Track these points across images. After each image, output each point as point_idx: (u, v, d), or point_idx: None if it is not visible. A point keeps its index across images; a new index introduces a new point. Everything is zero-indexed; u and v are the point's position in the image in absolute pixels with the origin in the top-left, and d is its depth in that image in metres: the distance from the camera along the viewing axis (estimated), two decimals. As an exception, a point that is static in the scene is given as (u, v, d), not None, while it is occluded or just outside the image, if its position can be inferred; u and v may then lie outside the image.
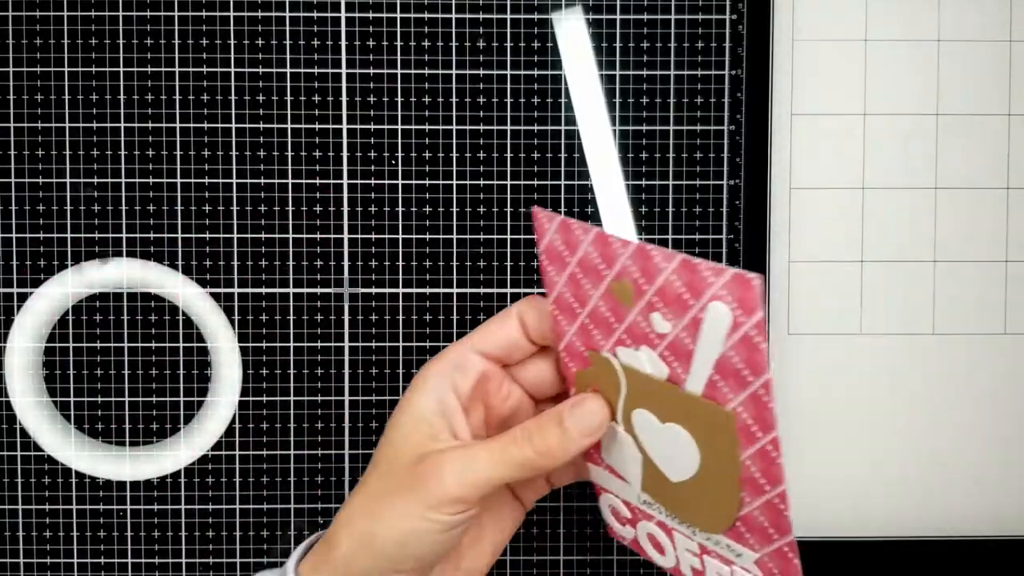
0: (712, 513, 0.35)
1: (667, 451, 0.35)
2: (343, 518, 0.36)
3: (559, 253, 0.35)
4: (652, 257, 0.32)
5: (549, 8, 0.47)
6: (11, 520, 0.48)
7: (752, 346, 0.30)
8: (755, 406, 0.31)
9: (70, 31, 0.47)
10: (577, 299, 0.35)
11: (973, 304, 0.48)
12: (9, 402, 0.47)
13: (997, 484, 0.48)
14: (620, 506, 0.39)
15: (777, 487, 0.32)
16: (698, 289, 0.31)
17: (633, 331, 0.34)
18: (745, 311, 0.30)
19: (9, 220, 0.47)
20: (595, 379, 0.36)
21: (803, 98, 0.47)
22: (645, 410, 0.35)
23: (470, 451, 0.35)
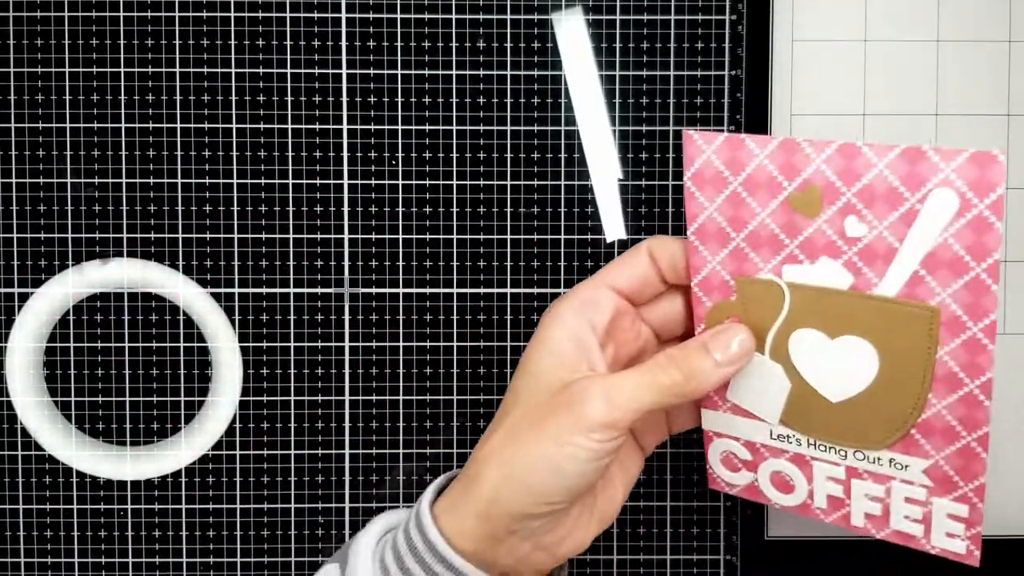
0: (882, 426, 0.34)
1: (835, 369, 0.34)
2: (483, 455, 0.35)
3: (717, 175, 0.34)
4: (860, 154, 0.31)
5: (549, 8, 0.47)
6: (11, 520, 0.48)
7: (985, 227, 0.30)
8: (971, 292, 0.31)
9: (70, 31, 0.47)
10: (733, 223, 0.35)
11: (973, 304, 0.47)
12: (9, 402, 0.48)
13: (999, 483, 0.48)
14: (739, 449, 0.38)
15: (983, 376, 0.32)
16: (921, 178, 0.31)
17: (813, 243, 0.33)
18: (979, 193, 0.30)
19: (9, 220, 0.47)
20: (737, 309, 0.36)
21: (803, 98, 0.47)
22: (811, 329, 0.34)
23: (616, 377, 0.34)
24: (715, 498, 0.48)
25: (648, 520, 0.48)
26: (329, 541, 0.48)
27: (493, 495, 0.34)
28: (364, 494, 0.48)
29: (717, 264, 0.36)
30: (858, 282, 0.33)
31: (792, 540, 0.48)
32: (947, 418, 0.33)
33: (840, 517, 0.37)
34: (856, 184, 0.32)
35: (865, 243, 0.32)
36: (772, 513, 0.48)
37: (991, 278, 0.31)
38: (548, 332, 0.36)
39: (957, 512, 0.35)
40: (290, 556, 0.48)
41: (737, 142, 0.34)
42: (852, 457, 0.36)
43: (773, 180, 0.34)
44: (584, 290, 0.37)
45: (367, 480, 0.48)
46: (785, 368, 0.35)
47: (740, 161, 0.34)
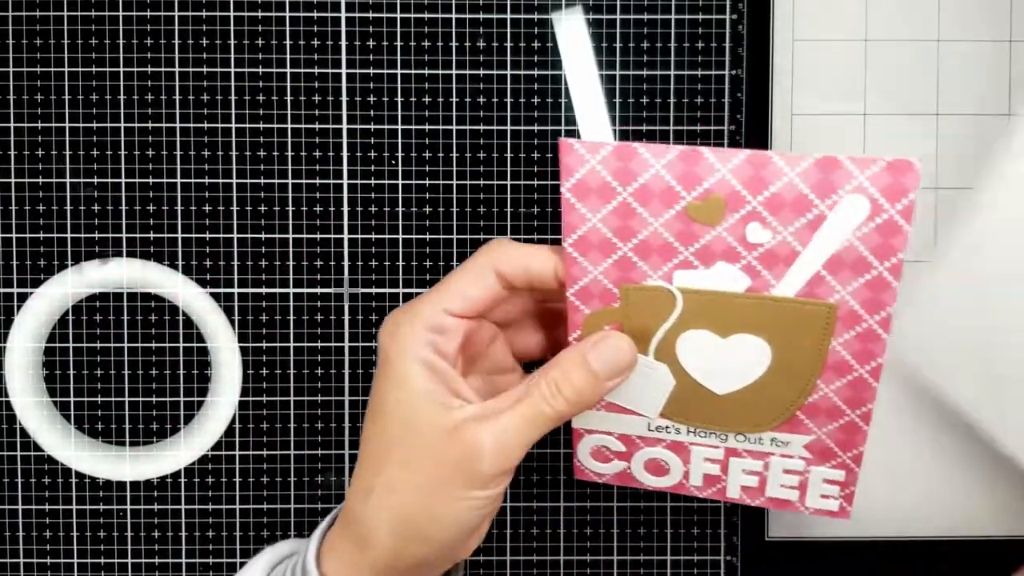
0: (769, 411, 0.36)
1: (725, 364, 0.35)
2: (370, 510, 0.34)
3: (603, 185, 0.33)
4: (771, 163, 0.32)
5: (549, 8, 0.47)
6: (11, 520, 0.48)
7: (894, 230, 0.31)
8: (872, 289, 0.33)
9: (70, 31, 0.47)
10: (621, 233, 0.34)
11: (973, 304, 0.48)
12: (9, 402, 0.47)
13: (999, 484, 0.48)
14: (613, 443, 0.39)
15: (873, 362, 0.34)
16: (833, 186, 0.32)
17: (710, 250, 0.34)
18: (891, 198, 0.31)
19: (9, 220, 0.47)
20: (618, 316, 0.35)
21: (803, 98, 0.47)
22: (700, 330, 0.35)
23: (501, 421, 0.33)
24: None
25: (648, 520, 0.48)
26: (329, 541, 0.48)
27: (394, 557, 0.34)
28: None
29: (599, 274, 0.35)
30: (756, 284, 0.34)
31: (792, 540, 0.48)
32: (833, 400, 0.35)
33: (716, 492, 0.39)
34: (764, 193, 0.32)
35: (767, 248, 0.33)
36: (772, 514, 0.48)
37: (893, 276, 0.32)
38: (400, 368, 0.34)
39: (834, 477, 0.37)
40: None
41: (629, 152, 0.33)
42: (733, 440, 0.37)
43: (670, 190, 0.33)
44: (424, 316, 0.34)
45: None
46: (671, 367, 0.36)
47: (632, 171, 0.33)
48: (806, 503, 0.38)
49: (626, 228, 0.34)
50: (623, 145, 0.33)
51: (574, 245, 0.35)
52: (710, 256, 0.34)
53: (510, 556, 0.49)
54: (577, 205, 0.34)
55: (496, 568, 0.49)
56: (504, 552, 0.49)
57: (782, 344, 0.34)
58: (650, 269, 0.34)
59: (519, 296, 0.37)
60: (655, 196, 0.33)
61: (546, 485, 0.49)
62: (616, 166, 0.33)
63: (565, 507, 0.49)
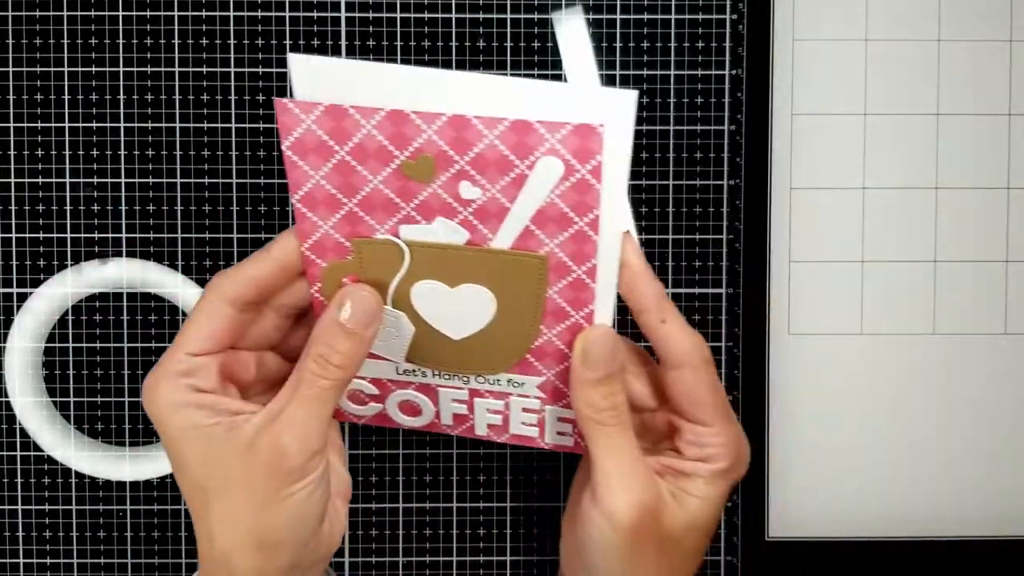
0: (501, 354, 0.38)
1: (456, 312, 0.37)
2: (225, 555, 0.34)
3: (321, 144, 0.34)
4: (471, 126, 0.33)
5: (549, 8, 0.47)
6: (11, 520, 0.48)
7: (586, 188, 0.33)
8: (576, 242, 0.34)
9: (70, 31, 0.47)
10: (344, 189, 0.35)
11: (973, 304, 0.48)
12: (9, 402, 0.47)
13: (999, 484, 0.48)
14: (367, 386, 0.40)
15: (586, 308, 0.36)
16: (529, 148, 0.33)
17: (427, 205, 0.35)
18: (581, 160, 0.33)
19: (9, 220, 0.47)
20: (354, 268, 0.36)
21: (803, 98, 0.47)
22: (430, 280, 0.36)
23: (288, 414, 0.34)
24: (715, 498, 0.48)
25: (648, 520, 0.48)
26: (329, 541, 0.48)
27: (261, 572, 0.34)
28: (364, 494, 0.48)
29: (329, 228, 0.36)
30: (474, 238, 0.35)
31: (792, 540, 0.48)
32: (556, 343, 0.37)
33: (465, 429, 0.41)
34: (468, 153, 0.33)
35: (479, 204, 0.34)
36: (772, 514, 0.48)
37: (592, 230, 0.34)
38: (173, 422, 0.34)
39: (567, 415, 0.39)
40: None
41: (340, 112, 0.33)
42: (474, 381, 0.39)
43: (384, 149, 0.34)
44: (172, 366, 0.35)
45: (366, 480, 0.48)
46: (409, 315, 0.37)
47: (346, 131, 0.34)
48: (545, 440, 0.41)
49: (349, 185, 0.35)
50: (334, 105, 0.33)
51: (302, 201, 0.35)
52: (430, 211, 0.35)
53: (510, 556, 0.49)
54: (299, 163, 0.35)
55: (496, 568, 0.49)
56: (504, 552, 0.49)
57: (504, 293, 0.36)
58: (376, 223, 0.36)
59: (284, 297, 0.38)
60: (371, 155, 0.34)
61: (546, 485, 0.49)
62: (331, 126, 0.34)
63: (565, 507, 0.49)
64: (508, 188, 0.34)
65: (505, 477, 0.48)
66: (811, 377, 0.48)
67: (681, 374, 0.36)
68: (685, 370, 0.36)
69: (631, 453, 0.35)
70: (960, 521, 0.48)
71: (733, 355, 0.48)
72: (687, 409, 0.36)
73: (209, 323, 0.35)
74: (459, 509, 0.49)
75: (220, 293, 0.35)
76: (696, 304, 0.48)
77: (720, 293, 0.48)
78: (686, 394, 0.36)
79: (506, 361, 0.38)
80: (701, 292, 0.48)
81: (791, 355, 0.48)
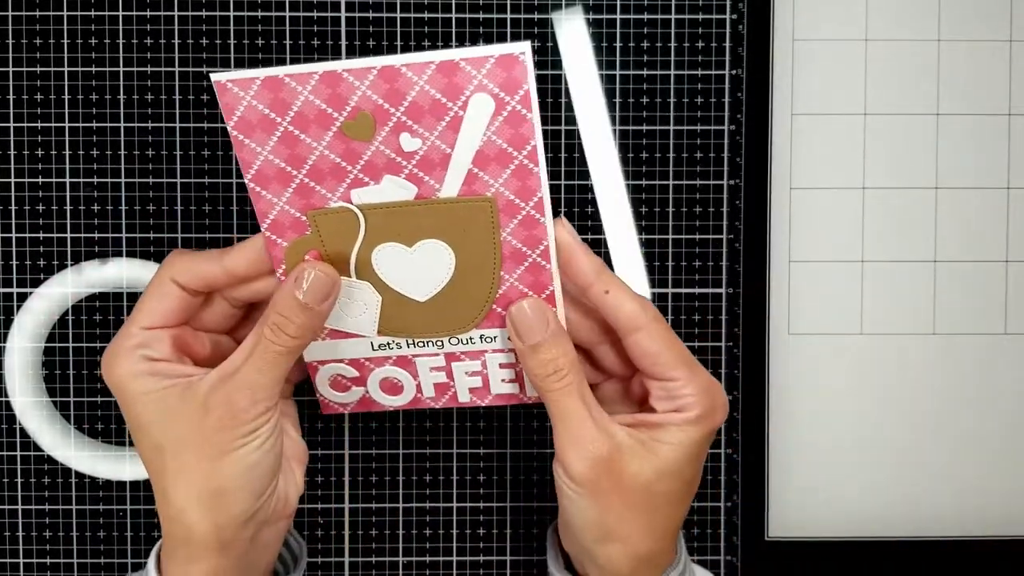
0: (468, 309, 0.38)
1: (417, 271, 0.37)
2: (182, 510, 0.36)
3: (264, 119, 0.34)
4: (400, 75, 0.33)
5: (549, 8, 0.47)
6: (11, 520, 0.48)
7: (520, 120, 0.34)
8: (519, 178, 0.35)
9: (70, 31, 0.47)
10: (292, 161, 0.35)
11: (973, 304, 0.48)
12: (8, 402, 0.47)
13: (999, 484, 0.48)
14: (346, 369, 0.41)
15: (540, 245, 0.36)
16: (459, 88, 0.33)
17: (373, 164, 0.35)
18: (509, 91, 0.33)
19: (9, 220, 0.47)
20: (314, 243, 0.37)
21: (803, 98, 0.47)
22: (388, 243, 0.37)
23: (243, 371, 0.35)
24: (715, 499, 0.48)
25: (648, 520, 0.48)
26: (329, 541, 0.48)
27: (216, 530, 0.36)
28: (364, 494, 0.48)
29: (284, 204, 0.36)
30: (422, 191, 0.36)
31: (792, 540, 0.48)
32: (519, 287, 0.37)
33: (449, 399, 0.41)
34: (402, 103, 0.34)
35: (421, 155, 0.35)
36: (772, 514, 0.48)
37: (532, 163, 0.35)
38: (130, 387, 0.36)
39: None
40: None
41: (277, 83, 0.34)
42: (448, 344, 0.39)
43: (323, 113, 0.34)
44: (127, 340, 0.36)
45: (367, 480, 0.48)
46: (373, 283, 0.38)
47: (285, 101, 0.34)
48: (527, 393, 0.41)
49: (295, 156, 0.35)
50: (270, 77, 0.34)
51: (254, 180, 0.36)
52: (376, 171, 0.35)
53: (510, 556, 0.49)
54: (246, 141, 0.35)
55: (496, 568, 0.49)
56: (504, 552, 0.49)
57: (460, 243, 0.37)
58: (328, 192, 0.36)
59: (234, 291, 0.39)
60: (312, 121, 0.34)
61: (546, 485, 0.49)
62: (270, 98, 0.34)
63: (565, 507, 0.49)
64: (446, 133, 0.34)
65: (505, 477, 0.48)
66: (811, 377, 0.48)
67: (636, 338, 0.37)
68: (638, 333, 0.37)
69: (577, 412, 0.37)
70: (960, 521, 0.48)
71: (733, 355, 0.48)
72: (650, 368, 0.37)
73: (161, 302, 0.37)
74: (459, 509, 0.49)
75: (172, 273, 0.37)
76: (696, 304, 0.48)
77: (720, 293, 0.48)
78: (644, 354, 0.37)
79: (475, 316, 0.38)
80: (701, 292, 0.48)
81: (791, 355, 0.48)
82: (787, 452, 0.48)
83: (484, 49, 0.33)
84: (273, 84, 0.34)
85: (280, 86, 0.34)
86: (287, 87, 0.34)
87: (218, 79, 0.34)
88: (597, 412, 0.37)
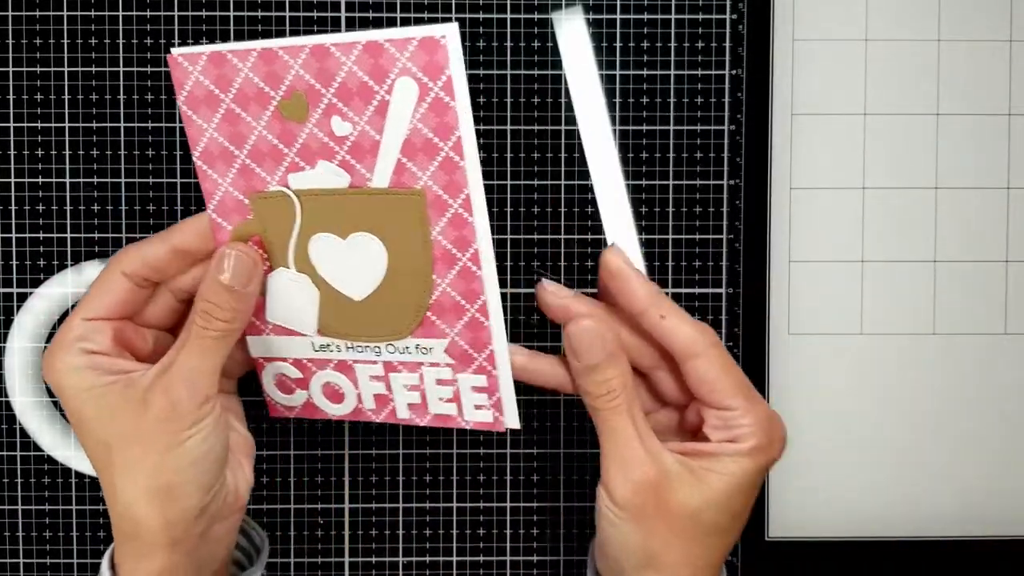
0: (403, 314, 0.37)
1: (352, 266, 0.36)
2: (130, 508, 0.35)
3: (209, 94, 0.35)
4: (330, 54, 0.33)
5: (549, 8, 0.47)
6: (11, 520, 0.48)
7: (443, 108, 0.33)
8: (445, 171, 0.34)
9: (70, 31, 0.47)
10: (234, 140, 0.35)
11: (973, 304, 0.48)
12: (9, 402, 0.47)
13: (999, 484, 0.48)
14: (289, 369, 0.40)
15: (470, 248, 0.35)
16: (384, 70, 0.33)
17: (308, 148, 0.35)
18: (432, 77, 0.32)
19: (9, 220, 0.47)
20: (256, 228, 0.37)
21: (803, 98, 0.47)
22: (324, 233, 0.36)
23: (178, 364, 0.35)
24: (715, 498, 0.48)
25: (648, 520, 0.48)
26: (329, 541, 0.48)
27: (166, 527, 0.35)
28: (364, 494, 0.48)
29: (228, 185, 0.36)
30: (354, 180, 0.35)
31: (792, 540, 0.48)
32: (452, 295, 0.36)
33: (388, 414, 0.40)
34: (333, 84, 0.33)
35: (352, 141, 0.34)
36: (772, 514, 0.48)
37: (458, 155, 0.33)
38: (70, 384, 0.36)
39: (478, 383, 0.38)
40: (290, 556, 0.48)
41: (220, 58, 0.34)
42: (385, 351, 0.38)
43: (261, 91, 0.34)
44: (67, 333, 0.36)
45: (367, 480, 0.48)
46: (311, 276, 0.37)
47: (227, 77, 0.34)
48: (464, 416, 0.40)
49: (237, 134, 0.35)
50: (215, 52, 0.34)
51: (201, 158, 0.36)
52: (311, 155, 0.35)
53: (510, 556, 0.49)
54: (193, 117, 0.35)
55: (496, 568, 0.49)
56: (504, 552, 0.49)
57: (391, 238, 0.36)
58: (267, 175, 0.36)
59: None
60: (251, 99, 0.34)
61: (546, 485, 0.49)
62: (215, 74, 0.34)
63: (565, 507, 0.49)
64: (374, 118, 0.34)
65: (505, 477, 0.48)
66: (811, 377, 0.48)
67: (693, 364, 0.36)
68: (696, 359, 0.36)
69: (626, 434, 0.36)
70: (960, 521, 0.48)
71: (733, 355, 0.48)
72: (707, 396, 0.36)
73: (105, 294, 0.37)
74: (459, 509, 0.49)
75: (121, 266, 0.37)
76: (696, 304, 0.48)
77: (720, 293, 0.48)
78: (702, 381, 0.36)
79: (410, 322, 0.38)
80: (701, 292, 0.48)
81: (791, 355, 0.48)
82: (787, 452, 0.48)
83: (408, 31, 0.32)
84: (217, 60, 0.34)
85: (223, 61, 0.34)
86: (229, 63, 0.34)
87: (171, 55, 0.34)
88: (647, 436, 0.36)
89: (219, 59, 0.34)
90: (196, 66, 0.34)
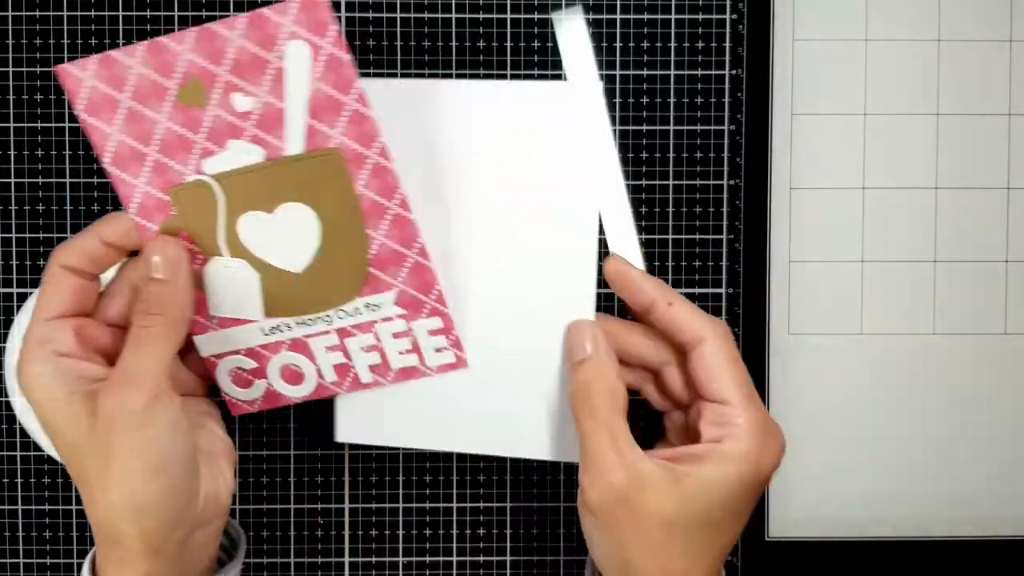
0: (346, 276, 0.37)
1: (285, 239, 0.37)
2: (107, 512, 0.35)
3: (106, 98, 0.35)
4: (216, 34, 0.33)
5: (549, 8, 0.47)
6: (11, 520, 0.48)
7: (337, 62, 0.33)
8: (355, 124, 0.34)
9: (70, 31, 0.47)
10: (141, 137, 0.35)
11: (973, 304, 0.48)
12: (9, 402, 0.47)
13: (999, 484, 0.48)
14: (244, 361, 0.40)
15: (396, 195, 0.36)
16: (272, 38, 0.33)
17: (216, 131, 0.35)
18: (319, 34, 0.33)
19: (9, 220, 0.47)
20: (180, 223, 0.37)
21: (803, 98, 0.47)
22: (251, 212, 0.36)
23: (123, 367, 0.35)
24: (715, 498, 0.48)
25: (648, 520, 0.48)
26: (329, 541, 0.48)
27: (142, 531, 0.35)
28: (364, 494, 0.48)
29: (145, 186, 0.36)
30: (269, 152, 0.35)
31: (792, 540, 0.48)
32: (390, 244, 0.37)
33: (352, 382, 0.40)
34: (224, 62, 0.34)
35: (258, 114, 0.35)
36: (772, 513, 0.48)
37: (363, 105, 0.34)
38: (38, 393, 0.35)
39: (433, 326, 0.39)
40: (290, 556, 0.48)
41: (109, 60, 0.34)
42: (336, 318, 0.38)
43: (156, 84, 0.34)
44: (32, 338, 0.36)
45: (367, 480, 0.48)
46: (248, 259, 0.37)
47: (120, 77, 0.34)
48: (427, 364, 0.40)
49: (143, 132, 0.35)
50: (103, 55, 0.34)
51: (112, 164, 0.36)
52: (220, 136, 0.35)
53: (510, 556, 0.49)
54: (96, 123, 0.35)
55: (496, 568, 0.49)
56: (504, 552, 0.49)
57: (319, 202, 0.36)
58: (180, 166, 0.36)
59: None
60: (150, 93, 0.35)
61: (546, 485, 0.49)
62: (108, 75, 0.34)
63: (565, 507, 0.49)
64: (274, 87, 0.34)
65: (505, 477, 0.48)
66: (811, 377, 0.48)
67: (700, 351, 0.36)
68: (702, 345, 0.36)
69: (598, 440, 0.36)
70: (960, 521, 0.48)
71: (733, 355, 0.48)
72: (706, 387, 0.36)
73: (54, 291, 0.37)
74: (459, 509, 0.49)
75: (59, 260, 0.37)
76: (696, 304, 0.48)
77: (720, 293, 0.48)
78: (705, 368, 0.36)
79: (355, 283, 0.38)
80: (701, 292, 0.48)
81: (791, 355, 0.48)
82: (787, 452, 0.48)
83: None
84: (107, 62, 0.34)
85: (112, 62, 0.34)
86: (118, 63, 0.34)
87: (58, 67, 0.34)
88: (624, 442, 0.35)
89: (108, 61, 0.34)
90: (87, 72, 0.34)
